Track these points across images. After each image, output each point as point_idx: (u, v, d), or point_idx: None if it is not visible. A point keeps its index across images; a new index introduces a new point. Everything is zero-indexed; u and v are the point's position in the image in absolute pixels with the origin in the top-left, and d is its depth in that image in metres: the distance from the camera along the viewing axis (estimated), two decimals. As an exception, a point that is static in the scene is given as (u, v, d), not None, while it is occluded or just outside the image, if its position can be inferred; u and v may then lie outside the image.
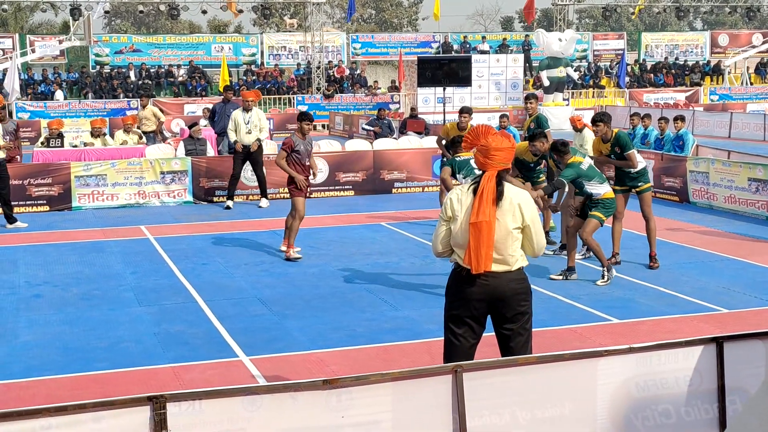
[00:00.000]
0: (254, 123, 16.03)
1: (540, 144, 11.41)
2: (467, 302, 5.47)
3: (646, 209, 11.17)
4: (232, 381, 7.08)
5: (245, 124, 15.94)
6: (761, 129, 29.58)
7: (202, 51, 41.08)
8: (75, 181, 16.14)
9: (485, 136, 5.48)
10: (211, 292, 10.08)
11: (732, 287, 10.05)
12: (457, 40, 44.43)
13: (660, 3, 47.66)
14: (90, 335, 8.53)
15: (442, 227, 5.56)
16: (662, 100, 40.05)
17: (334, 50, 42.63)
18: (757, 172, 14.59)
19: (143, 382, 7.21)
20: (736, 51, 46.16)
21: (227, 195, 16.40)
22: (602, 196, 10.33)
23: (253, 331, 8.58)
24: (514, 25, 77.16)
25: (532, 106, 14.16)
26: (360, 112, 35.80)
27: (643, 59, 46.09)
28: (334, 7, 76.28)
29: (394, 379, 4.56)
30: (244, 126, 15.94)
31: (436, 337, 7.72)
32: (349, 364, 7.57)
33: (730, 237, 13.07)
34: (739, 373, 5.06)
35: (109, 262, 11.87)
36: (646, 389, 4.97)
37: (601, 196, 10.32)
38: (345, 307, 9.46)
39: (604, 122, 10.99)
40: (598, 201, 10.33)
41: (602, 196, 10.33)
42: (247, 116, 16.02)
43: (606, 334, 8.41)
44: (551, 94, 34.57)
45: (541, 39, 35.38)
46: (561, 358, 4.88)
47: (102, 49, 39.63)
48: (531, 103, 14.21)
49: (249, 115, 16.05)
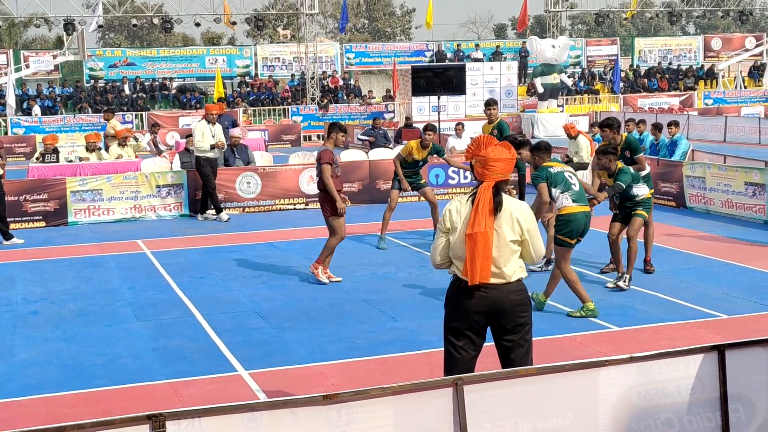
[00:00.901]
0: (218, 137, 16.10)
1: (526, 153, 11.46)
2: (466, 314, 5.45)
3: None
4: (231, 396, 7.05)
5: (211, 137, 16.00)
6: (756, 132, 29.61)
7: (196, 63, 41.12)
8: (71, 196, 16.11)
9: (486, 146, 5.46)
10: (208, 306, 10.04)
11: (731, 292, 10.03)
12: (451, 49, 44.49)
13: (652, 8, 47.78)
14: (88, 352, 8.49)
15: (441, 238, 5.54)
16: (657, 105, 40.10)
17: (328, 60, 42.67)
18: (754, 176, 14.59)
19: (142, 398, 7.17)
20: (730, 54, 46.27)
21: (216, 209, 16.34)
22: (646, 195, 10.64)
23: (252, 345, 8.54)
24: (507, 33, 77.32)
25: (493, 112, 14.18)
26: (355, 122, 35.81)
27: (636, 64, 46.18)
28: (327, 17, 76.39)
29: (395, 393, 4.52)
30: (210, 139, 15.98)
31: (435, 348, 7.69)
32: (349, 376, 7.54)
33: (728, 242, 13.06)
34: (742, 380, 5.03)
35: (106, 277, 11.83)
36: (648, 398, 4.94)
37: (645, 196, 10.62)
38: (343, 318, 9.43)
39: (611, 128, 10.92)
40: (641, 201, 10.58)
41: (646, 195, 10.64)
42: (212, 129, 16.07)
43: (606, 342, 8.38)
44: (545, 101, 34.59)
45: (535, 46, 35.42)
46: (562, 369, 4.84)
47: (96, 63, 39.65)
48: (492, 109, 14.21)
49: (214, 128, 16.11)
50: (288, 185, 17.40)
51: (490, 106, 14.33)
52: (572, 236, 9.29)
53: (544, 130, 33.44)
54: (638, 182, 10.57)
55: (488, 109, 14.31)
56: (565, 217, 9.30)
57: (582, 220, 9.30)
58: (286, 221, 16.06)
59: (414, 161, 13.45)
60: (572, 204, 9.31)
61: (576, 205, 9.32)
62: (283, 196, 17.36)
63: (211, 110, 16.42)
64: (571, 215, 9.28)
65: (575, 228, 9.27)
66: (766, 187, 14.25)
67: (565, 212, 9.31)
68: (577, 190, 9.38)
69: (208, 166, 16.09)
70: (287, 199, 17.38)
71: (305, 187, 17.41)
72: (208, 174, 16.10)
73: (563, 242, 9.28)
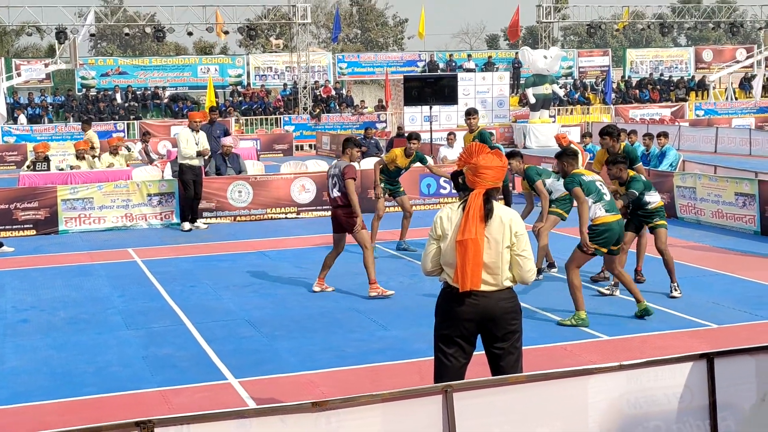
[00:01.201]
0: (202, 144, 16.09)
1: (517, 163, 11.53)
2: (457, 322, 5.45)
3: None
4: (221, 404, 7.03)
5: (195, 144, 15.99)
6: (747, 143, 29.74)
7: (189, 72, 41.12)
8: (62, 205, 16.08)
9: (477, 154, 5.49)
10: (199, 315, 10.03)
11: (721, 302, 10.06)
12: (443, 59, 44.59)
13: (644, 19, 47.97)
14: (78, 360, 8.46)
15: (432, 245, 5.55)
16: (648, 116, 40.24)
17: (320, 70, 42.72)
18: (744, 186, 14.64)
19: (132, 406, 7.15)
20: (721, 66, 46.46)
21: (191, 218, 16.29)
22: (658, 203, 10.58)
23: (242, 353, 8.53)
24: (499, 43, 77.50)
25: (473, 121, 14.12)
26: (347, 131, 35.84)
27: (628, 75, 46.34)
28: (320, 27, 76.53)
29: (384, 401, 4.52)
30: (194, 146, 15.97)
31: (425, 357, 7.69)
32: (339, 385, 7.53)
33: (719, 252, 13.10)
34: (731, 389, 5.04)
35: (96, 285, 11.80)
36: (637, 406, 4.95)
37: (658, 204, 10.56)
38: (334, 327, 9.42)
39: (611, 136, 10.92)
40: (655, 210, 10.48)
41: (658, 203, 10.58)
42: (196, 136, 16.06)
43: (596, 351, 8.39)
44: (537, 112, 34.69)
45: (527, 56, 35.53)
46: (551, 377, 4.85)
47: (88, 72, 39.62)
48: (473, 118, 14.14)
49: (198, 135, 16.09)
50: (279, 194, 17.40)
51: (470, 115, 14.23)
52: (606, 245, 9.35)
53: (536, 140, 33.52)
54: (650, 190, 10.54)
55: (469, 118, 14.23)
56: (600, 227, 9.29)
57: (616, 230, 9.37)
58: (278, 230, 16.05)
59: (396, 168, 13.47)
60: (606, 214, 9.32)
61: (609, 214, 9.34)
62: (274, 205, 17.36)
63: (195, 118, 16.44)
64: (606, 224, 9.31)
65: (610, 237, 9.33)
66: (756, 198, 14.30)
67: (600, 222, 9.30)
68: (609, 200, 9.41)
69: (190, 174, 16.07)
70: (279, 208, 17.38)
71: (297, 196, 17.42)
72: (189, 182, 16.09)
73: (595, 249, 9.27)
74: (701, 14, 49.28)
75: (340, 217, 10.78)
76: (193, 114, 16.81)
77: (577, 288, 9.26)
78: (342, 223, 10.79)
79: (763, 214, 14.18)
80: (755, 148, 29.24)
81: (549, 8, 42.35)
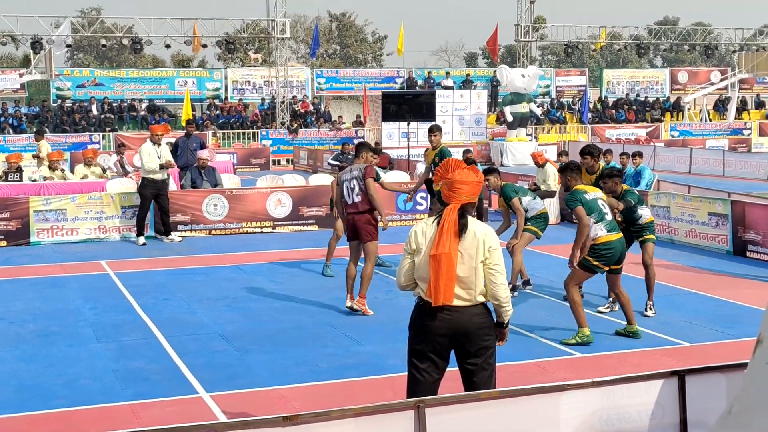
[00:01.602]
0: (164, 157, 16.03)
1: (495, 179, 11.57)
2: (430, 337, 5.44)
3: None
4: (192, 418, 6.96)
5: (158, 158, 15.92)
6: (720, 165, 30.00)
7: (166, 85, 40.97)
8: (34, 216, 15.93)
9: (453, 169, 5.50)
10: (171, 328, 9.94)
11: (694, 321, 10.10)
12: (422, 76, 44.73)
13: (621, 40, 48.37)
14: (47, 372, 8.36)
15: (406, 260, 5.54)
16: (624, 136, 40.53)
17: (299, 85, 42.72)
18: (717, 206, 14.75)
19: (101, 419, 7.07)
20: (696, 88, 46.89)
21: (165, 231, 16.20)
22: (649, 218, 10.60)
23: (214, 367, 8.46)
24: (477, 61, 77.91)
25: (435, 138, 14.06)
26: (324, 147, 35.83)
27: (605, 95, 46.67)
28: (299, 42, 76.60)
29: (356, 415, 4.49)
30: (157, 160, 15.89)
31: (399, 373, 7.65)
32: (312, 399, 7.49)
33: (692, 271, 13.17)
34: (701, 406, 5.05)
35: (67, 297, 11.69)
36: (610, 423, 4.95)
37: (648, 219, 10.58)
38: (308, 342, 9.38)
39: (592, 156, 10.94)
40: (646, 225, 10.52)
41: (649, 218, 10.60)
42: (158, 150, 15.99)
43: (569, 368, 8.39)
44: (515, 130, 34.84)
45: (504, 75, 35.69)
46: (524, 393, 4.84)
47: (63, 83, 39.39)
48: (435, 135, 14.08)
49: (159, 149, 16.03)
50: (255, 208, 17.34)
51: (432, 132, 14.08)
52: (608, 264, 9.32)
53: (513, 158, 33.65)
54: (642, 204, 10.56)
55: (431, 135, 14.11)
56: (601, 246, 9.20)
57: (618, 249, 9.33)
58: (253, 244, 15.99)
59: None
60: (607, 233, 9.24)
61: (611, 234, 9.28)
62: (250, 219, 17.29)
63: (157, 131, 16.37)
64: (607, 243, 9.24)
65: (612, 256, 9.28)
66: (729, 218, 14.41)
67: (602, 241, 9.21)
68: (610, 220, 9.35)
69: (151, 188, 15.97)
70: (254, 222, 17.31)
71: (273, 210, 17.37)
72: (147, 196, 15.98)
73: (595, 267, 9.23)
74: (677, 36, 49.75)
75: (357, 223, 10.40)
76: (154, 127, 16.77)
77: (578, 304, 9.26)
78: (359, 230, 10.40)
79: (736, 234, 14.29)
80: (729, 169, 29.51)
81: (527, 27, 42.63)
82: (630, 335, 9.45)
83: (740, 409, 3.26)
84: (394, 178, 19.34)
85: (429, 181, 14.57)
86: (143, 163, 16.06)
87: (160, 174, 16.01)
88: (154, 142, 16.09)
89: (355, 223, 10.41)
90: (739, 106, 45.72)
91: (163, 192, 16.13)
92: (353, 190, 10.37)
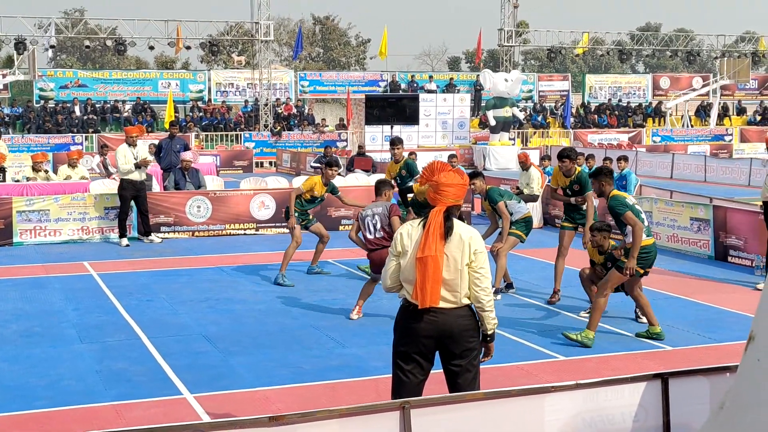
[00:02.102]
0: (140, 155, 16.02)
1: (480, 183, 11.62)
2: (415, 338, 5.46)
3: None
4: (176, 419, 6.95)
5: (134, 158, 15.89)
6: (702, 170, 30.20)
7: (149, 87, 40.85)
8: (16, 216, 15.85)
9: (438, 172, 5.53)
10: (155, 329, 9.92)
11: (676, 325, 10.17)
12: (405, 79, 44.81)
13: (603, 46, 48.62)
14: (29, 373, 8.33)
15: (392, 262, 5.56)
16: (606, 141, 40.73)
17: (282, 88, 42.70)
18: (699, 211, 14.85)
19: (84, 420, 7.05)
20: (677, 94, 47.19)
21: (120, 233, 16.09)
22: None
23: (198, 369, 8.45)
24: (461, 65, 78.07)
25: (398, 151, 13.92)
26: (307, 149, 35.83)
27: (587, 101, 46.87)
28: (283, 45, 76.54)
29: (341, 416, 4.51)
30: (133, 160, 15.86)
31: (383, 375, 7.68)
32: (296, 401, 7.49)
33: (674, 275, 13.25)
34: (684, 409, 5.09)
35: (50, 298, 11.64)
36: (593, 425, 4.99)
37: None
38: (292, 344, 9.38)
39: (570, 158, 11.05)
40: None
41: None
42: (134, 151, 15.96)
43: (552, 371, 8.43)
44: (497, 134, 34.94)
45: (488, 79, 35.80)
46: (508, 394, 4.87)
47: (47, 83, 39.21)
48: (397, 148, 13.91)
49: (135, 150, 16.00)
50: (239, 210, 17.33)
51: (395, 145, 13.85)
52: (645, 267, 9.42)
53: (495, 162, 33.76)
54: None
55: (393, 149, 13.91)
56: (642, 249, 9.24)
57: (654, 252, 9.48)
58: (236, 246, 15.97)
59: (312, 198, 12.63)
60: (646, 237, 9.34)
61: (649, 238, 9.43)
62: (233, 221, 17.28)
63: (131, 132, 16.32)
64: (647, 247, 9.34)
65: (650, 259, 9.42)
66: (710, 223, 14.51)
67: (643, 245, 9.25)
68: (646, 224, 9.48)
69: (130, 189, 15.93)
70: (238, 224, 17.30)
71: (256, 212, 17.36)
72: (127, 198, 15.94)
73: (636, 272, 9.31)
74: (659, 42, 50.04)
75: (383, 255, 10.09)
76: (129, 129, 16.73)
77: (600, 310, 9.30)
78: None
79: (718, 239, 14.39)
80: (710, 175, 29.71)
81: (510, 32, 42.78)
82: (654, 337, 9.49)
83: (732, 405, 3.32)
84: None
85: (403, 191, 14.54)
86: (119, 165, 16.04)
87: (138, 175, 15.96)
88: (130, 143, 16.07)
89: (374, 259, 10.46)
90: (720, 112, 46.05)
91: (142, 194, 16.08)
92: (375, 226, 10.47)
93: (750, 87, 49.78)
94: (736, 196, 21.03)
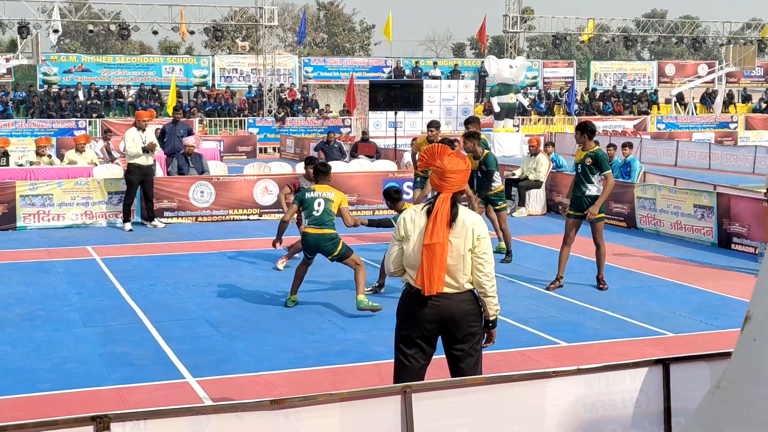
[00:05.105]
0: (148, 140, 15.95)
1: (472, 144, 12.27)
2: (418, 323, 5.46)
3: (597, 238, 11.15)
4: (178, 402, 6.96)
5: (142, 142, 15.84)
6: (706, 157, 30.12)
7: (153, 72, 40.78)
8: (20, 201, 15.87)
9: (441, 156, 5.48)
10: (158, 313, 9.95)
11: (678, 312, 10.17)
12: (409, 65, 44.69)
13: (608, 32, 48.45)
14: (33, 356, 8.36)
15: (395, 247, 5.55)
16: (611, 128, 40.63)
17: (286, 73, 42.62)
18: (703, 199, 14.83)
19: (87, 403, 7.07)
20: (683, 81, 47.04)
21: (124, 218, 16.08)
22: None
23: (200, 353, 8.47)
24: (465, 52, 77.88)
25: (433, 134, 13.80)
26: (311, 135, 35.78)
27: (592, 87, 46.74)
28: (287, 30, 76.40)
29: (343, 400, 4.51)
30: (140, 144, 15.81)
31: (385, 360, 7.69)
32: (297, 386, 7.51)
33: (677, 262, 13.24)
34: (685, 395, 5.09)
35: (53, 282, 11.66)
36: (594, 410, 4.98)
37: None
38: (294, 328, 9.39)
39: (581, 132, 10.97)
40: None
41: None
42: (143, 136, 15.92)
43: (554, 357, 8.44)
44: (501, 120, 34.85)
45: (492, 65, 35.69)
46: (510, 379, 4.87)
47: (50, 68, 39.17)
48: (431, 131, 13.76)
49: (144, 135, 15.95)
50: (242, 195, 17.33)
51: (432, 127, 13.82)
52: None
53: (499, 149, 33.67)
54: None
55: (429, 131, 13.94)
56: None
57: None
58: (239, 231, 15.98)
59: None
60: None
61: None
62: (236, 206, 17.28)
63: (142, 117, 16.23)
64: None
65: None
66: (714, 210, 14.49)
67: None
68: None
69: (137, 174, 15.90)
70: (241, 209, 17.30)
71: (259, 197, 17.36)
72: (134, 182, 15.92)
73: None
74: (665, 29, 49.85)
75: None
76: (140, 113, 16.66)
77: None
78: None
79: (721, 226, 14.37)
80: (714, 162, 29.64)
81: (515, 18, 42.64)
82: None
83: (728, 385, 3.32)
84: (381, 167, 19.36)
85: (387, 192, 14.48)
86: (126, 148, 16.01)
87: (146, 159, 15.93)
88: (139, 127, 16.00)
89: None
90: (725, 99, 45.90)
91: (149, 179, 16.07)
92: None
93: (755, 74, 49.58)
94: (740, 183, 20.99)
